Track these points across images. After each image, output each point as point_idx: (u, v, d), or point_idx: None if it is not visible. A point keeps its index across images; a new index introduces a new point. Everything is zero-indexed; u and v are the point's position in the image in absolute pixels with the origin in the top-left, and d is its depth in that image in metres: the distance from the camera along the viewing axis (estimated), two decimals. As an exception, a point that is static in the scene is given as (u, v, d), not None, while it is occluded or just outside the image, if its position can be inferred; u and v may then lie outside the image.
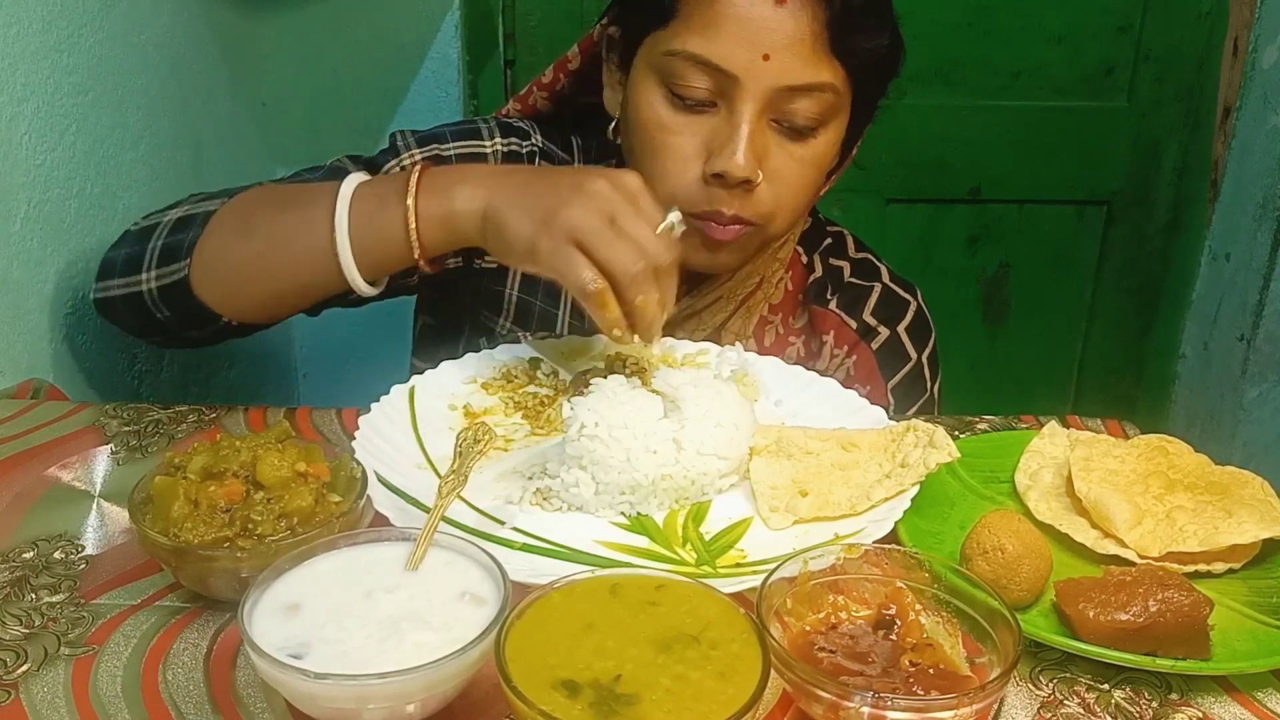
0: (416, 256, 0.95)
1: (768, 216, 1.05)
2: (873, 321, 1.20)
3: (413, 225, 0.94)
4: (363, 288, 0.98)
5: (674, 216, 0.93)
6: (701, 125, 1.03)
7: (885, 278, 1.24)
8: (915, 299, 1.24)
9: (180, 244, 1.02)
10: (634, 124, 1.06)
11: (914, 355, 1.22)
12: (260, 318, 1.06)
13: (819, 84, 1.00)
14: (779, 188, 1.04)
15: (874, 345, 1.20)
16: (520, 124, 1.19)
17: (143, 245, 1.05)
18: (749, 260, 1.14)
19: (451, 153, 1.14)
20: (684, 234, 0.96)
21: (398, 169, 1.12)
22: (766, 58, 0.98)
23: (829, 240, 1.26)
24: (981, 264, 2.25)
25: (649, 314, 0.89)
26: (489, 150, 1.16)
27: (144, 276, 1.04)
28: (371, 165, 1.12)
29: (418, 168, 0.96)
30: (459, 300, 1.20)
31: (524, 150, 1.17)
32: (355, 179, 0.97)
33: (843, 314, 1.21)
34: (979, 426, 1.04)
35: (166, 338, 1.11)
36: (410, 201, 0.94)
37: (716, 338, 1.17)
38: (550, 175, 0.97)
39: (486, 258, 0.95)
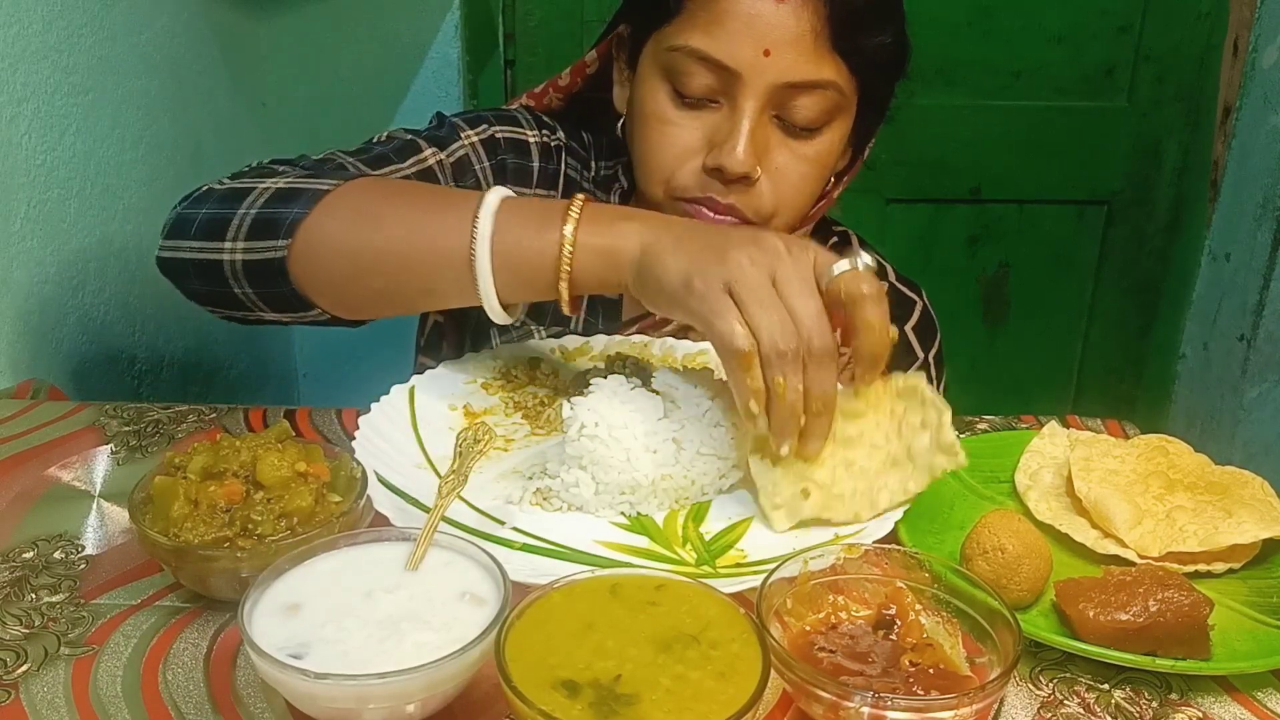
0: (563, 287, 0.87)
1: (768, 215, 1.05)
2: None
3: (568, 253, 0.86)
4: (495, 308, 0.90)
5: (861, 260, 0.80)
6: (704, 121, 1.03)
7: (891, 277, 1.24)
8: (921, 299, 1.24)
9: (280, 218, 0.92)
10: (638, 118, 1.07)
11: (921, 355, 1.22)
12: (361, 314, 0.98)
13: (821, 81, 1.01)
14: (780, 185, 1.04)
15: None
16: (547, 119, 1.20)
17: (230, 209, 0.94)
18: None
19: (500, 136, 1.14)
20: None
21: (465, 148, 1.11)
22: (767, 54, 0.98)
23: (835, 240, 1.26)
24: (981, 264, 2.25)
25: (786, 401, 0.79)
26: (532, 140, 1.16)
27: (228, 245, 0.93)
28: (436, 140, 1.10)
29: (579, 198, 0.89)
30: None
31: (552, 143, 1.18)
32: (501, 190, 0.90)
33: None
34: (979, 426, 1.04)
35: (232, 313, 1.00)
36: (570, 229, 0.87)
37: None
38: (719, 226, 0.89)
39: None
